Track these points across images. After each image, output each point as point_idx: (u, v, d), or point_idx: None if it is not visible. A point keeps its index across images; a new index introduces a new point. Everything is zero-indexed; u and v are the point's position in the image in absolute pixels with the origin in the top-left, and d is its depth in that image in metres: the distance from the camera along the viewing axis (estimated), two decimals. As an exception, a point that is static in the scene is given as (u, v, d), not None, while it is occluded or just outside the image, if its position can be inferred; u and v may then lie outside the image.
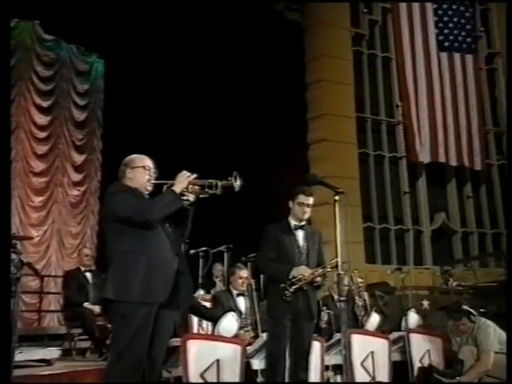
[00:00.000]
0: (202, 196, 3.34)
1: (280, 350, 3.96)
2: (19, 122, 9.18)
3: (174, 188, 3.19)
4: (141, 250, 3.07)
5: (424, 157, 9.54)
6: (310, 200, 4.18)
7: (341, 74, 9.11)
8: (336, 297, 5.80)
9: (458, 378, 4.51)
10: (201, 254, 6.17)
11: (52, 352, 5.20)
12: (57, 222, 9.45)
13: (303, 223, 4.21)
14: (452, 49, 10.13)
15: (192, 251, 5.96)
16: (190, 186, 3.28)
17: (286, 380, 4.05)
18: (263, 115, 8.58)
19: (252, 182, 8.66)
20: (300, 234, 4.16)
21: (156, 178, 3.38)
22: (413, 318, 5.81)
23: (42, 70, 9.59)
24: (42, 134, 9.48)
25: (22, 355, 4.86)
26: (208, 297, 5.93)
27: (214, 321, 4.98)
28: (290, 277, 3.94)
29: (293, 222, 4.19)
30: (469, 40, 10.23)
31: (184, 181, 3.23)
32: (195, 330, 5.44)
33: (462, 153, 9.85)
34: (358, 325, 5.73)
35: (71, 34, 9.20)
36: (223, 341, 4.19)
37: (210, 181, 3.30)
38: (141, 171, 3.29)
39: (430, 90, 9.82)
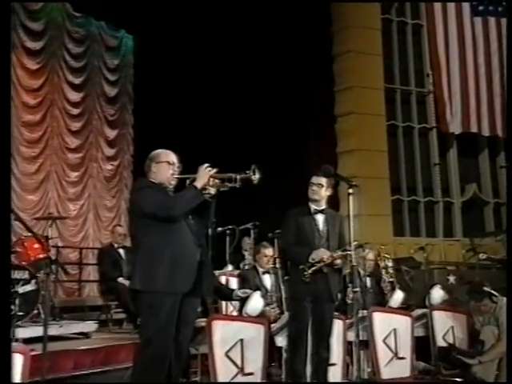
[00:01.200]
0: (222, 189, 3.46)
1: (301, 330, 4.13)
2: (53, 100, 9.43)
3: (195, 183, 3.33)
4: (165, 243, 3.24)
5: (455, 127, 9.32)
6: (320, 180, 4.20)
7: (369, 44, 8.92)
8: (362, 272, 5.89)
9: (478, 357, 4.59)
10: (228, 232, 6.36)
11: (89, 325, 5.55)
12: (93, 196, 9.80)
13: (323, 207, 4.29)
14: (487, 13, 9.71)
15: (219, 229, 6.15)
16: (211, 180, 3.40)
17: (308, 358, 4.25)
18: (289, 88, 8.54)
19: (279, 156, 8.77)
20: (320, 218, 4.25)
21: (181, 172, 3.51)
22: (438, 293, 5.85)
23: (73, 47, 9.75)
24: (76, 111, 9.72)
25: (62, 329, 5.24)
26: (236, 273, 6.12)
27: (228, 299, 5.22)
28: (310, 259, 4.06)
29: (313, 207, 4.27)
30: (505, 2, 9.77)
31: (205, 176, 3.35)
32: (224, 308, 5.66)
33: (495, 122, 9.58)
34: (384, 300, 5.80)
35: (99, 12, 9.30)
36: (246, 321, 4.37)
37: (229, 174, 3.42)
38: (165, 166, 3.43)
39: (463, 57, 9.50)
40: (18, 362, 2.75)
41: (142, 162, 3.63)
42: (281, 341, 4.68)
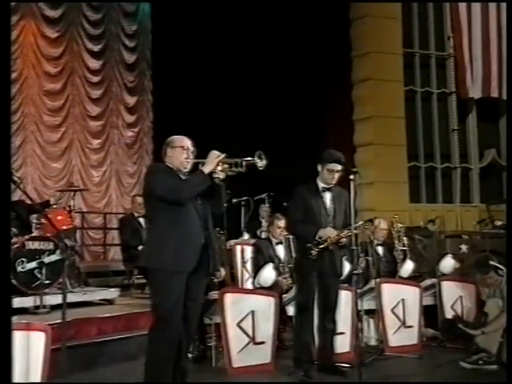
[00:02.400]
0: (230, 174, 3.61)
1: (307, 302, 4.32)
2: (73, 68, 9.60)
3: (203, 168, 3.49)
4: (173, 225, 3.44)
5: (475, 92, 9.12)
6: (339, 167, 4.28)
7: (388, 8, 8.67)
8: (375, 242, 6.01)
9: (481, 328, 4.74)
10: (243, 202, 6.53)
11: (112, 293, 5.87)
12: (114, 162, 10.06)
13: (331, 185, 4.40)
14: (511, -29, 9.31)
15: (234, 200, 6.32)
16: (220, 165, 3.54)
17: (315, 328, 4.46)
18: (306, 54, 8.47)
19: (295, 124, 8.77)
20: (327, 196, 4.36)
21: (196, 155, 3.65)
22: (449, 262, 5.97)
23: (92, 14, 9.83)
24: (96, 79, 9.88)
25: (86, 296, 5.58)
26: (251, 242, 6.30)
27: None
28: (317, 237, 4.21)
29: (321, 185, 4.37)
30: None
31: (213, 161, 3.51)
32: (239, 276, 5.88)
33: (517, 86, 9.35)
34: (396, 269, 5.93)
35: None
36: (258, 293, 4.59)
37: (236, 160, 3.57)
38: (179, 151, 3.59)
39: (485, 19, 9.16)
40: (40, 340, 3.00)
41: (161, 128, 3.81)
42: (292, 310, 4.91)
